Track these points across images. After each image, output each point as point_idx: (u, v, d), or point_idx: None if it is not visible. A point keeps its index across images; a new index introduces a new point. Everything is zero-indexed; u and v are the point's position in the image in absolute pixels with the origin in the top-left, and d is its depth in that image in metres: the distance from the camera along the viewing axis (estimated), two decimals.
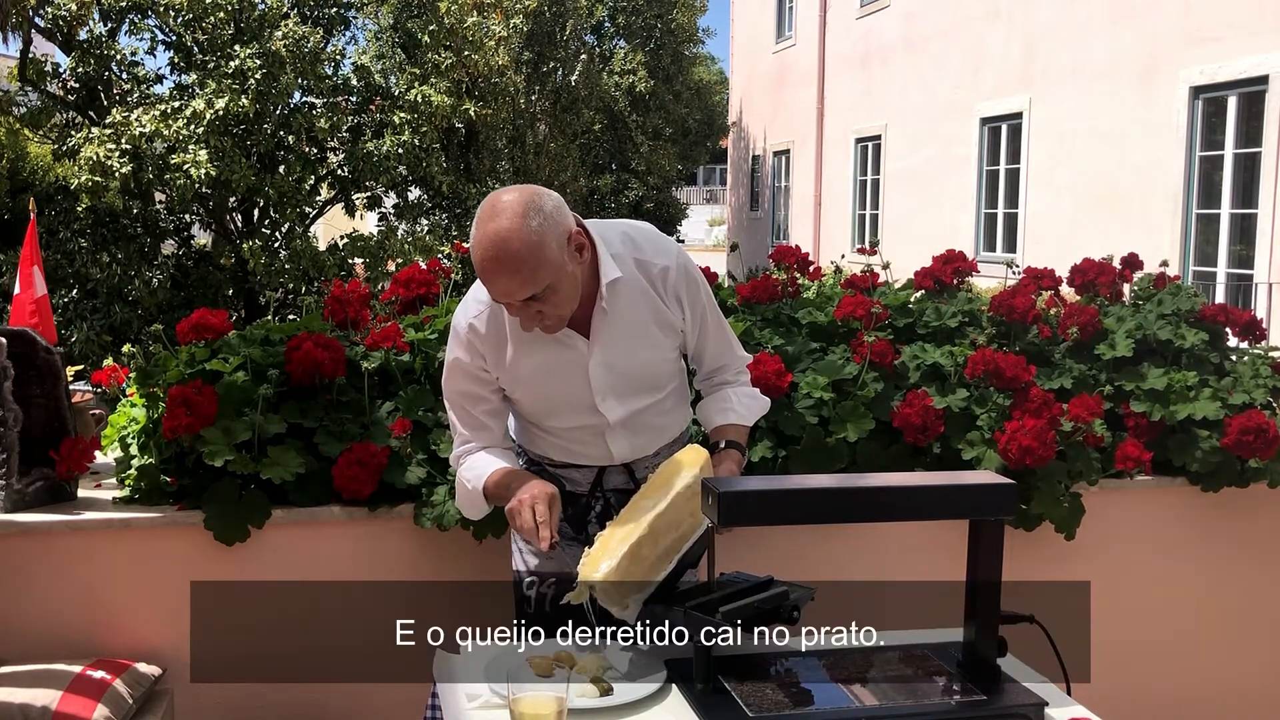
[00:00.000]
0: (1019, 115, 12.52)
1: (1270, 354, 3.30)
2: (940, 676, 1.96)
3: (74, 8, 12.71)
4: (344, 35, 15.58)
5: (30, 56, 13.09)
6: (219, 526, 2.68)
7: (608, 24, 22.76)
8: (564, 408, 2.26)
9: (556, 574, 2.34)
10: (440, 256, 3.74)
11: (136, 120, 12.29)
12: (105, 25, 13.44)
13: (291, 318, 11.06)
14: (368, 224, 16.33)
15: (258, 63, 12.55)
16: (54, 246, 12.53)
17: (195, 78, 12.99)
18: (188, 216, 14.14)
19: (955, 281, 3.48)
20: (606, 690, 1.86)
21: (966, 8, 13.51)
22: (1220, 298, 9.19)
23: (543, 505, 2.04)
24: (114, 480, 2.92)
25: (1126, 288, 3.54)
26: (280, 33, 12.91)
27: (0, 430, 2.68)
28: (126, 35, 13.69)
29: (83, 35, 13.16)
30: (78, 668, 2.53)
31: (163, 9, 13.11)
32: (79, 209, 12.59)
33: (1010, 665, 2.01)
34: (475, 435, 2.29)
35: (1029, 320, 3.23)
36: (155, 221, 13.76)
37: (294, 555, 2.77)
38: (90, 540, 2.69)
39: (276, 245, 13.76)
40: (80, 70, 13.22)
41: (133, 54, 13.73)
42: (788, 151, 19.86)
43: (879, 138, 16.03)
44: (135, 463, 2.79)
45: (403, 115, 13.86)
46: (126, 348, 3.08)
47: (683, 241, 21.08)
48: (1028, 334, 3.26)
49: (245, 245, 13.02)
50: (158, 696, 2.68)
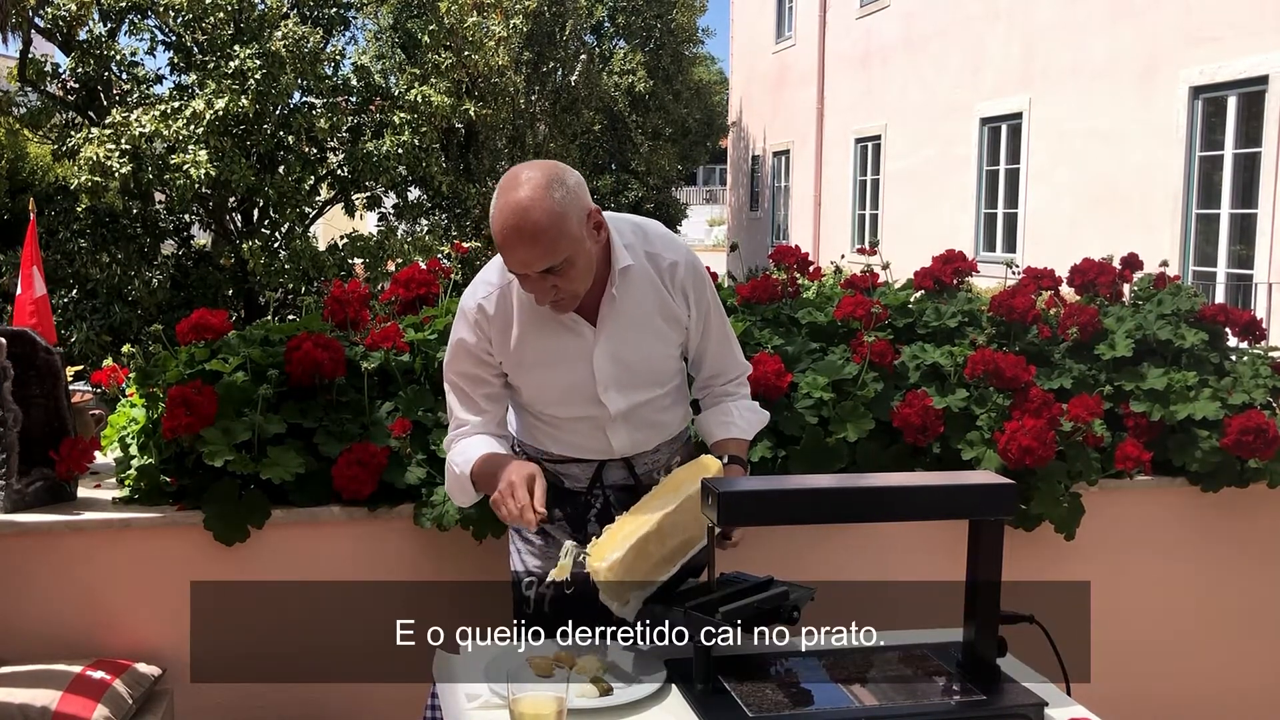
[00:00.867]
0: (1019, 115, 12.52)
1: (1270, 354, 3.30)
2: (940, 676, 1.96)
3: (74, 8, 12.71)
4: (344, 35, 15.61)
5: (30, 56, 13.09)
6: (219, 526, 2.68)
7: (608, 24, 22.77)
8: (566, 396, 2.25)
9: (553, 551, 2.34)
10: (440, 256, 3.74)
11: (136, 120, 12.29)
12: (105, 25, 13.45)
13: (291, 318, 11.06)
14: (368, 224, 16.34)
15: (258, 63, 12.56)
16: (54, 246, 12.53)
17: (195, 78, 13.00)
18: (187, 216, 14.13)
19: (955, 281, 3.48)
20: (606, 690, 1.86)
21: (966, 8, 13.51)
22: (1220, 298, 9.19)
23: (522, 490, 2.02)
24: (114, 480, 2.92)
25: (1126, 288, 3.54)
26: (280, 33, 12.91)
27: (0, 430, 2.68)
28: (126, 35, 13.71)
29: (83, 35, 13.17)
30: (78, 668, 2.53)
31: (163, 9, 13.11)
32: (79, 209, 12.60)
33: (1010, 665, 2.01)
34: (471, 419, 2.28)
35: (1029, 320, 3.23)
36: (155, 221, 13.76)
37: (294, 555, 2.77)
38: (90, 540, 2.69)
39: (276, 245, 13.76)
40: (80, 70, 13.22)
41: (133, 54, 13.74)
42: (788, 151, 19.86)
43: (879, 138, 16.03)
44: (135, 463, 2.79)
45: (403, 115, 13.87)
46: (126, 348, 3.09)
47: None
48: (1028, 334, 3.26)
49: (245, 245, 13.02)
50: (158, 696, 2.68)
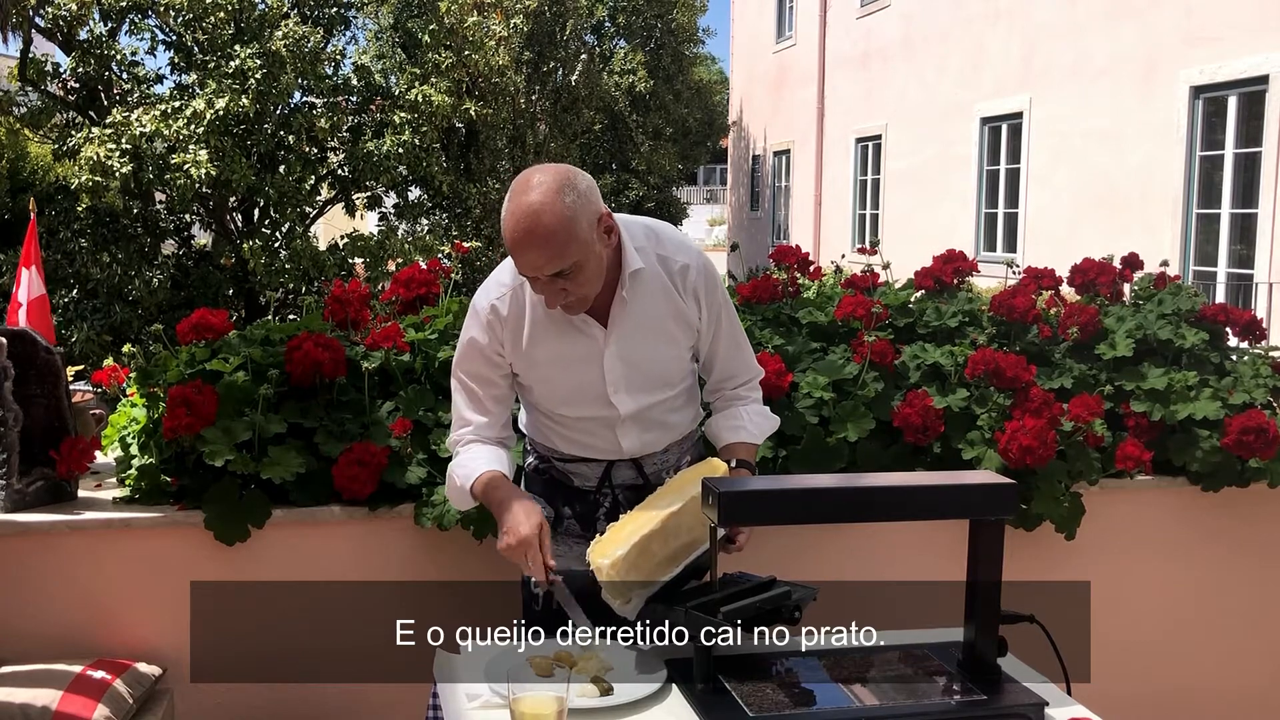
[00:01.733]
0: (1019, 115, 12.52)
1: (1270, 354, 3.30)
2: (940, 676, 1.96)
3: (74, 8, 12.71)
4: (344, 35, 15.61)
5: (30, 56, 13.09)
6: (219, 526, 2.67)
7: (608, 24, 22.75)
8: (577, 397, 2.26)
9: (563, 572, 2.34)
10: (440, 256, 3.74)
11: (137, 120, 12.29)
12: (105, 25, 13.44)
13: (291, 318, 11.06)
14: (368, 224, 16.34)
15: (258, 63, 12.56)
16: (54, 246, 12.53)
17: (195, 78, 13.00)
18: (188, 216, 14.14)
19: (955, 281, 3.48)
20: (606, 690, 1.86)
21: (966, 8, 13.51)
22: (1220, 298, 9.19)
23: (534, 550, 2.07)
24: (114, 480, 2.92)
25: (1126, 287, 3.54)
26: (280, 32, 12.91)
27: (0, 430, 2.68)
28: (126, 35, 13.71)
29: (83, 35, 13.17)
30: (78, 668, 2.53)
31: (163, 9, 13.11)
32: (79, 209, 12.59)
33: (1010, 665, 2.01)
34: (476, 419, 2.30)
35: (1029, 320, 3.22)
36: (155, 221, 13.76)
37: (294, 555, 2.77)
38: (90, 540, 2.69)
39: (276, 245, 13.76)
40: (80, 70, 13.22)
41: (133, 54, 13.74)
42: (788, 151, 19.86)
43: (879, 138, 16.03)
44: (135, 463, 2.79)
45: (403, 115, 13.87)
46: (126, 348, 3.09)
47: None
48: (1028, 334, 3.26)
49: (245, 245, 13.02)
50: (158, 696, 2.68)
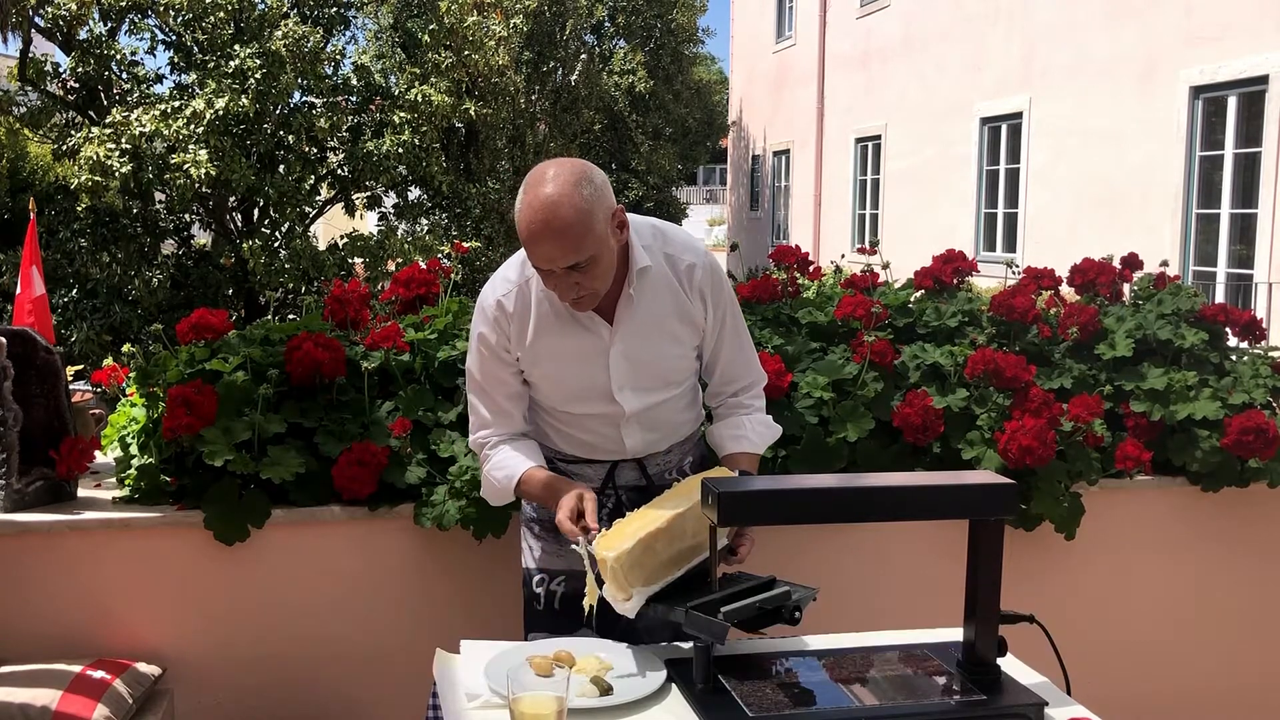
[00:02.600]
0: (1019, 115, 12.52)
1: (1270, 354, 3.30)
2: (940, 676, 1.96)
3: (74, 7, 12.70)
4: (344, 35, 15.60)
5: (30, 56, 13.09)
6: (219, 526, 2.68)
7: (608, 24, 22.76)
8: (581, 394, 2.26)
9: (566, 571, 2.34)
10: (440, 256, 3.74)
11: (136, 120, 12.29)
12: (105, 25, 13.44)
13: (291, 318, 11.06)
14: (368, 224, 16.34)
15: (258, 62, 12.55)
16: (54, 246, 12.53)
17: (195, 77, 12.99)
18: (188, 216, 14.13)
19: (955, 281, 3.48)
20: (606, 690, 1.86)
21: (966, 8, 13.51)
22: (1220, 298, 9.19)
23: (564, 522, 2.08)
24: (114, 480, 2.92)
25: (1126, 287, 3.54)
26: (280, 32, 12.90)
27: (0, 430, 2.68)
28: (126, 35, 13.70)
29: (83, 35, 13.16)
30: (78, 667, 2.53)
31: (163, 9, 13.10)
32: (79, 209, 12.59)
33: (1010, 665, 2.01)
34: (496, 420, 2.30)
35: (1029, 320, 3.22)
36: (155, 221, 13.76)
37: (294, 555, 2.77)
38: (90, 540, 2.69)
39: (276, 245, 13.76)
40: (80, 70, 13.21)
41: (133, 54, 13.73)
42: (788, 151, 19.86)
43: (879, 138, 16.03)
44: (135, 463, 2.79)
45: (403, 115, 13.86)
46: (126, 347, 3.09)
47: None
48: (1028, 334, 3.26)
49: (245, 245, 13.02)
50: (158, 696, 2.68)
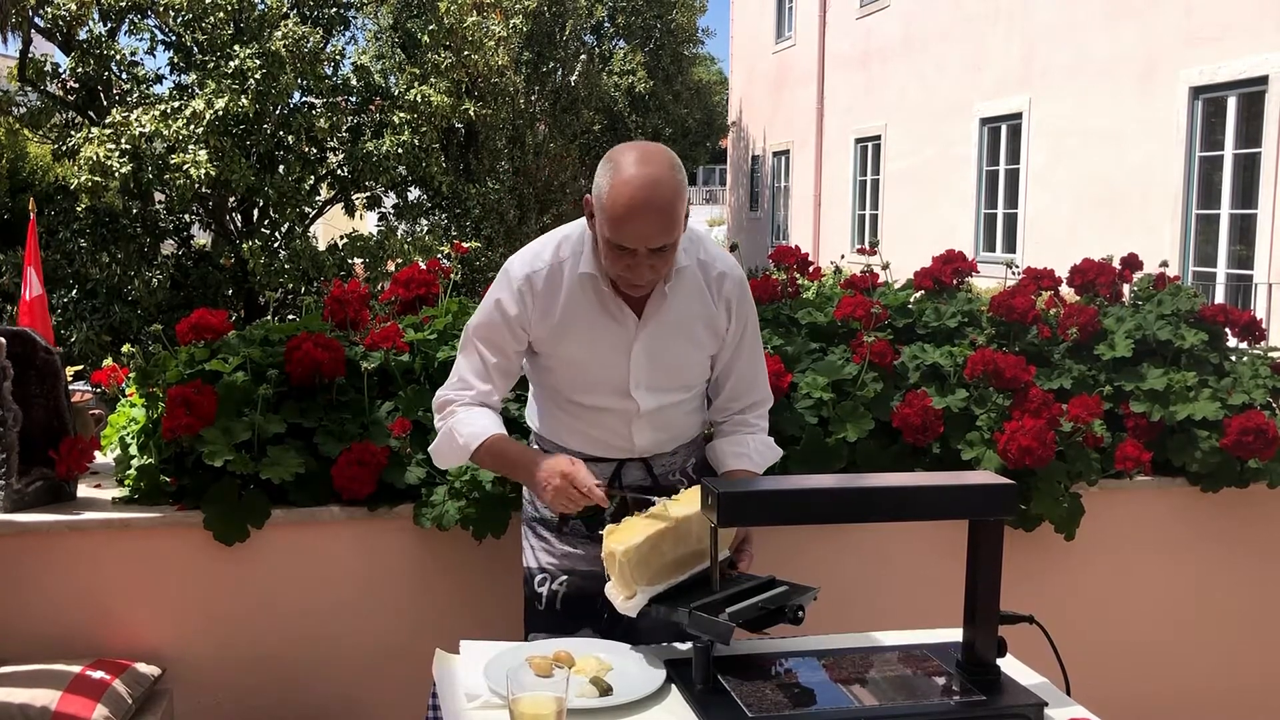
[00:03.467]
0: (1019, 115, 12.52)
1: (1270, 354, 3.30)
2: (940, 676, 1.96)
3: (74, 8, 12.70)
4: (344, 35, 15.60)
5: (30, 56, 13.09)
6: (219, 526, 2.67)
7: (607, 24, 22.75)
8: (598, 384, 2.24)
9: (568, 571, 2.33)
10: (440, 256, 3.74)
11: (136, 120, 12.29)
12: (105, 25, 13.44)
13: (291, 318, 11.06)
14: (367, 224, 16.33)
15: (257, 63, 12.55)
16: (54, 246, 12.53)
17: (195, 78, 12.99)
18: (187, 216, 14.13)
19: (955, 282, 3.48)
20: (606, 690, 1.86)
21: (966, 8, 13.51)
22: (1220, 298, 9.19)
23: (580, 477, 2.07)
24: (114, 480, 2.91)
25: (1126, 288, 3.54)
26: (280, 33, 12.91)
27: (0, 430, 2.68)
28: (126, 35, 13.70)
29: (82, 35, 13.16)
30: (77, 668, 2.53)
31: (162, 9, 13.11)
32: (79, 209, 12.60)
33: (1010, 665, 2.01)
34: (479, 385, 2.27)
35: (1029, 320, 3.22)
36: (155, 221, 13.76)
37: (293, 555, 2.77)
38: (90, 540, 2.69)
39: (276, 245, 13.76)
40: (80, 70, 13.21)
41: (132, 54, 13.73)
42: (787, 151, 19.86)
43: (879, 138, 16.03)
44: (135, 463, 2.79)
45: (402, 115, 13.87)
46: (126, 348, 3.09)
47: None
48: (1027, 334, 3.26)
49: (245, 245, 13.02)
50: (158, 696, 2.68)
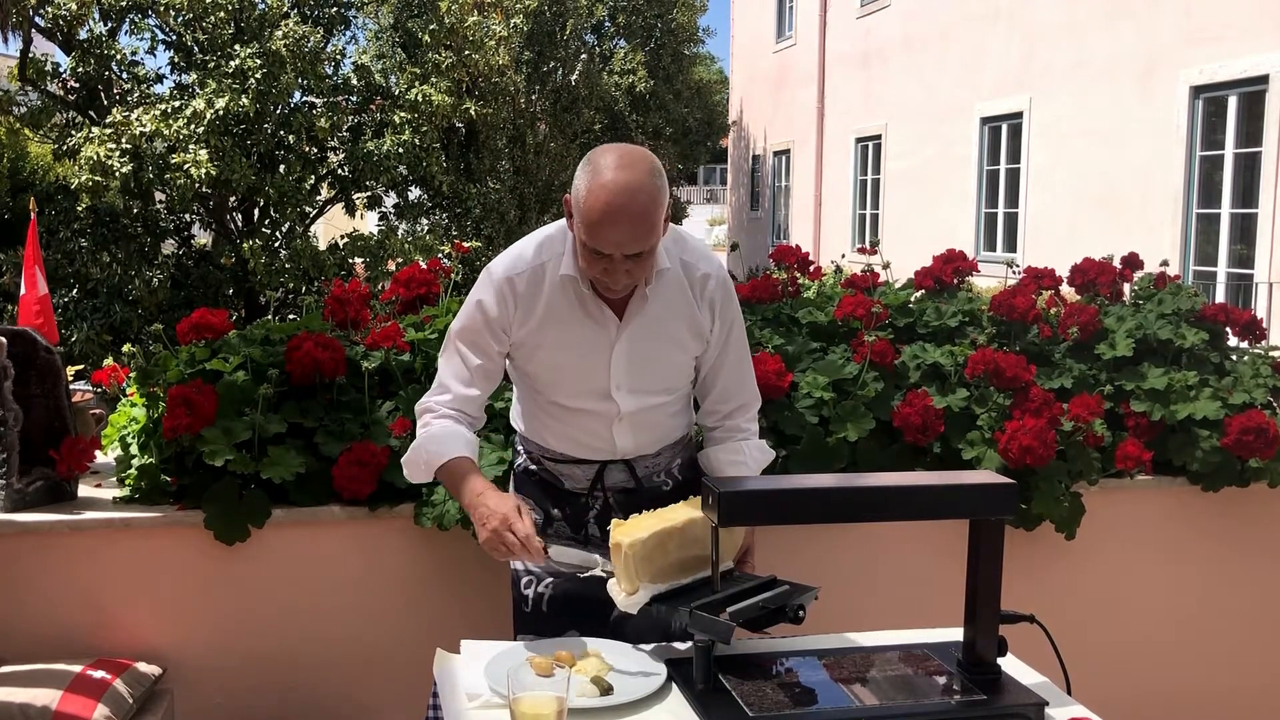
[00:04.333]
0: (1019, 115, 12.52)
1: (1270, 354, 3.30)
2: (940, 676, 1.96)
3: (74, 7, 12.71)
4: (344, 35, 15.59)
5: (30, 56, 13.09)
6: (219, 526, 2.68)
7: (608, 24, 22.74)
8: (578, 386, 2.23)
9: (554, 573, 2.32)
10: (441, 256, 3.74)
11: (137, 120, 12.29)
12: (105, 25, 13.44)
13: (291, 317, 11.06)
14: (368, 224, 16.34)
15: (258, 62, 12.56)
16: (54, 246, 12.53)
17: (195, 77, 13.00)
18: (188, 216, 14.14)
19: (955, 281, 3.48)
20: (606, 690, 1.86)
21: (966, 8, 13.51)
22: (1220, 297, 9.19)
23: (518, 524, 2.02)
24: (114, 480, 2.92)
25: (1126, 287, 3.54)
26: (280, 32, 12.91)
27: (0, 430, 2.68)
28: (126, 35, 13.71)
29: (83, 35, 13.17)
30: (78, 667, 2.53)
31: (163, 9, 13.11)
32: (79, 209, 12.60)
33: (1010, 665, 2.01)
34: (459, 391, 2.23)
35: (1029, 320, 3.23)
36: (155, 221, 13.76)
37: (294, 555, 2.77)
38: (90, 540, 2.69)
39: (276, 245, 13.77)
40: (80, 70, 13.22)
41: (133, 54, 13.74)
42: (788, 151, 19.86)
43: (879, 138, 16.03)
44: (135, 462, 2.79)
45: (403, 115, 13.87)
46: (126, 347, 3.09)
47: None
48: (1028, 334, 3.26)
49: (245, 245, 13.03)
50: (158, 696, 2.68)
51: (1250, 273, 9.24)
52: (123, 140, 12.16)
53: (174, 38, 13.61)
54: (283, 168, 13.68)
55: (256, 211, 14.36)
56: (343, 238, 14.04)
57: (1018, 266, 3.75)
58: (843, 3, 17.13)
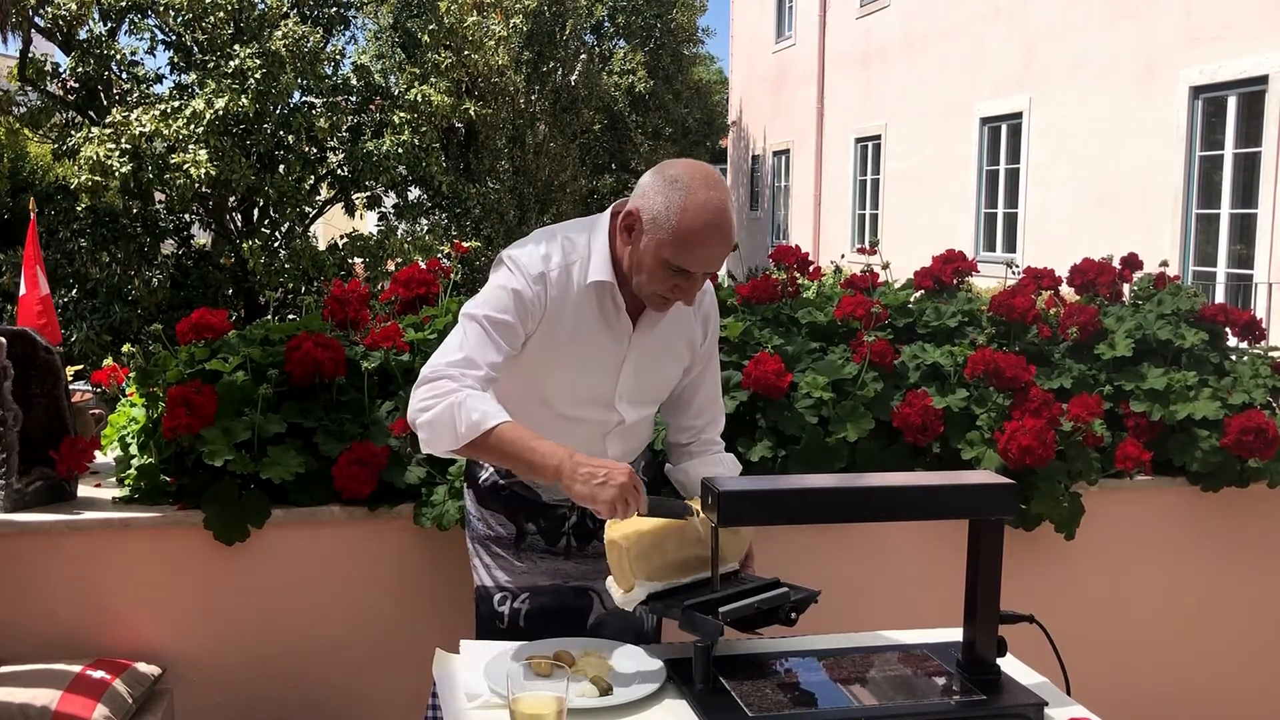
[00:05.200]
0: (1019, 115, 12.52)
1: (1270, 354, 3.31)
2: (940, 676, 1.96)
3: (74, 7, 12.71)
4: (344, 35, 15.63)
5: (30, 56, 13.10)
6: (219, 526, 2.67)
7: (607, 24, 22.73)
8: (584, 394, 2.19)
9: (530, 588, 2.26)
10: (440, 256, 3.74)
11: (136, 120, 12.30)
12: (105, 25, 13.46)
13: (291, 317, 11.07)
14: (368, 224, 16.35)
15: (258, 62, 12.57)
16: (54, 246, 12.54)
17: (195, 77, 13.01)
18: (188, 216, 14.15)
19: (955, 281, 3.48)
20: (606, 690, 1.86)
21: (966, 8, 13.51)
22: (1220, 298, 9.19)
23: (640, 487, 1.91)
24: (114, 480, 2.92)
25: (1126, 288, 3.54)
26: (280, 32, 12.92)
27: (0, 430, 2.68)
28: (126, 35, 13.73)
29: (83, 35, 13.18)
30: (78, 667, 2.53)
31: (163, 9, 13.12)
32: (79, 209, 12.61)
33: (1010, 665, 2.01)
34: (492, 359, 2.02)
35: (1029, 320, 3.23)
36: (155, 221, 13.77)
37: (294, 555, 2.77)
38: (90, 540, 2.69)
39: (276, 245, 13.79)
40: (80, 70, 13.23)
41: (133, 54, 13.76)
42: (788, 151, 19.86)
43: (879, 138, 16.03)
44: (135, 463, 2.79)
45: (402, 115, 13.88)
46: (126, 347, 3.09)
47: None
48: (1028, 334, 3.26)
49: (245, 245, 13.03)
50: (158, 696, 2.68)
51: (1250, 273, 9.24)
52: (122, 140, 12.17)
53: (174, 38, 13.62)
54: (282, 168, 13.69)
55: (256, 212, 14.37)
56: (342, 238, 14.05)
57: (1017, 267, 3.75)
58: (843, 3, 17.13)
